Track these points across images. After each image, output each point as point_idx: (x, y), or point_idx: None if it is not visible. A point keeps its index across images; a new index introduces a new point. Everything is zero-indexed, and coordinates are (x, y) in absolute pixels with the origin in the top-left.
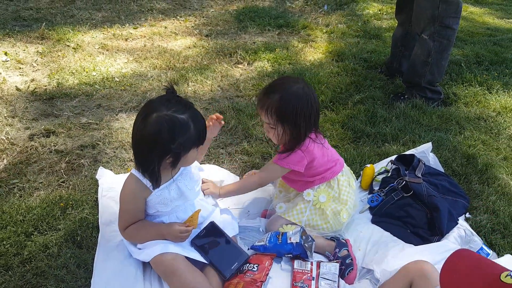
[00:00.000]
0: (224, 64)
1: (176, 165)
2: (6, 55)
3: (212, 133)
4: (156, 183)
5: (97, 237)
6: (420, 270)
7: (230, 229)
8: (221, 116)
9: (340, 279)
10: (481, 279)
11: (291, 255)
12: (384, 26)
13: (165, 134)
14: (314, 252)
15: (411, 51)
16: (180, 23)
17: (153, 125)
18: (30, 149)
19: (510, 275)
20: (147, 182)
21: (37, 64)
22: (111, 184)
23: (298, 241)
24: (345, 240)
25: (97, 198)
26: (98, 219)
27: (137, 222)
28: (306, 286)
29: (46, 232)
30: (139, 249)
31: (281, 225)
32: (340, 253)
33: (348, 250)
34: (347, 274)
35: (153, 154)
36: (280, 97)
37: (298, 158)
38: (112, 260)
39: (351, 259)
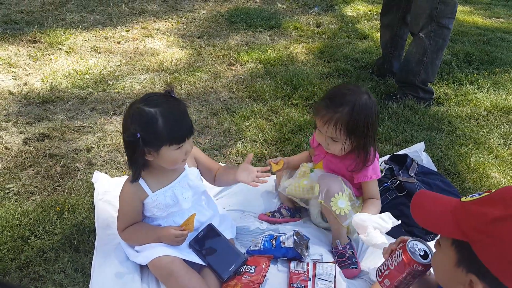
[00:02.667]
0: (217, 65)
1: (144, 164)
2: None
3: (243, 178)
4: (134, 175)
5: (94, 240)
6: None
7: (228, 232)
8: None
9: (338, 277)
10: (446, 207)
11: (285, 257)
12: (374, 26)
13: (129, 124)
14: (319, 244)
15: (401, 51)
16: (172, 25)
17: (124, 115)
18: (25, 153)
19: (468, 196)
20: (144, 185)
21: (30, 68)
22: (107, 187)
23: (291, 245)
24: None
25: (93, 202)
26: (94, 222)
27: (135, 224)
28: (302, 286)
29: (42, 237)
30: (137, 251)
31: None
32: (349, 250)
33: (353, 253)
34: (351, 268)
35: (126, 144)
36: (350, 110)
37: (377, 166)
38: (110, 264)
39: (356, 261)
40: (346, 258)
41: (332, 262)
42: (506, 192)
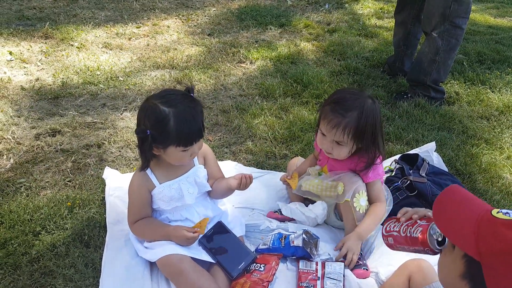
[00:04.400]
0: (227, 63)
1: (152, 156)
2: (11, 55)
3: (232, 183)
4: (142, 164)
5: (105, 236)
6: (418, 266)
7: (238, 230)
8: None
9: (347, 275)
10: (473, 216)
11: (295, 256)
12: (385, 25)
13: (143, 118)
14: (329, 242)
15: (413, 50)
16: (183, 22)
17: (140, 106)
18: (36, 149)
19: (501, 211)
20: (152, 176)
21: (42, 63)
22: (117, 183)
23: (300, 244)
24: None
25: (103, 198)
26: (105, 218)
27: (146, 218)
28: (312, 285)
29: (53, 232)
30: (146, 247)
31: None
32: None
33: (363, 256)
34: (362, 269)
35: (137, 134)
36: (359, 115)
37: (381, 167)
38: (120, 259)
39: (365, 263)
40: (358, 258)
41: (341, 261)
42: None
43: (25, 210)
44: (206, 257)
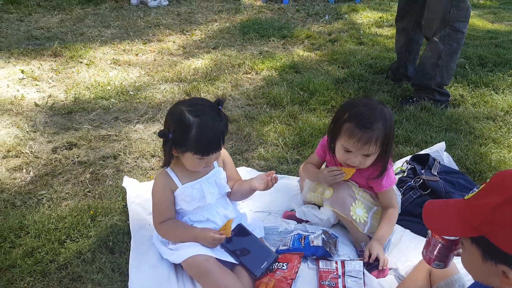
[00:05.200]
0: (233, 74)
1: (172, 156)
2: (23, 73)
3: (256, 185)
4: (164, 162)
5: (129, 242)
6: None
7: (257, 232)
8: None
9: (366, 273)
10: (453, 211)
11: (315, 256)
12: (385, 33)
13: (168, 121)
14: (346, 244)
15: (416, 55)
16: (187, 37)
17: (170, 109)
18: (54, 161)
19: (468, 193)
20: (174, 177)
21: (53, 81)
22: (137, 191)
23: (320, 244)
24: None
25: (124, 205)
26: (128, 225)
27: (172, 220)
28: (333, 284)
29: (78, 240)
30: (170, 249)
31: (351, 203)
32: None
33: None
34: (378, 269)
35: (159, 136)
36: (383, 124)
37: (393, 173)
38: (146, 263)
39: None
40: (374, 260)
41: (360, 259)
42: (498, 179)
43: (49, 220)
44: (229, 258)
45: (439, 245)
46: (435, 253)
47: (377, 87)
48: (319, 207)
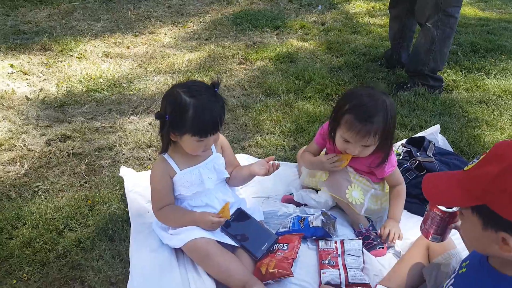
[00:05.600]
0: (227, 65)
1: (170, 141)
2: (12, 67)
3: (257, 170)
4: (162, 147)
5: (129, 229)
6: None
7: (257, 215)
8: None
9: (366, 251)
10: (453, 182)
11: (314, 237)
12: (378, 22)
13: (165, 104)
14: (345, 225)
15: (409, 42)
16: (179, 29)
17: (166, 93)
18: (49, 154)
19: (468, 164)
20: (172, 163)
21: (43, 74)
22: (135, 180)
23: (319, 225)
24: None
25: (122, 194)
26: (127, 212)
27: (171, 205)
28: (333, 262)
29: (76, 229)
30: (171, 234)
31: (347, 186)
32: (373, 231)
33: (377, 233)
34: (378, 248)
35: (156, 118)
36: (385, 117)
37: (394, 157)
38: (146, 249)
39: (381, 240)
40: (371, 239)
41: (359, 239)
42: (497, 149)
43: (45, 211)
44: (230, 241)
45: (437, 218)
46: (433, 226)
47: (372, 75)
48: (317, 191)
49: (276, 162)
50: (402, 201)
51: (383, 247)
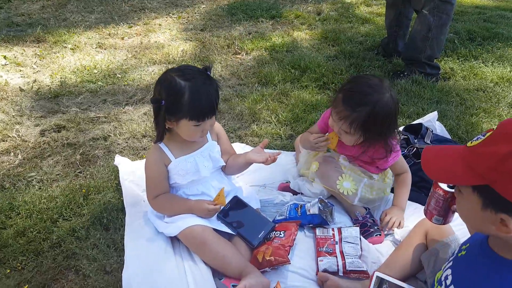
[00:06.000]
0: (223, 55)
1: (165, 128)
2: (5, 59)
3: (254, 157)
4: (157, 136)
5: (123, 218)
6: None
7: (253, 203)
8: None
9: (363, 239)
10: (455, 157)
11: (312, 224)
12: (374, 11)
13: (159, 89)
14: (342, 213)
15: (406, 30)
16: (174, 20)
17: (158, 78)
18: (43, 144)
19: (472, 141)
20: (167, 151)
21: (37, 66)
22: (130, 169)
23: (316, 212)
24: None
25: (117, 184)
26: (122, 201)
27: (166, 194)
28: (331, 250)
29: (71, 218)
30: (166, 223)
31: (337, 177)
32: (370, 219)
33: (374, 221)
34: (375, 236)
35: (152, 102)
36: (369, 112)
37: (397, 147)
38: (142, 238)
39: (379, 227)
40: (368, 227)
41: (356, 226)
42: (505, 127)
43: (40, 200)
44: (226, 229)
45: (440, 198)
46: (436, 207)
47: (368, 63)
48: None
49: (276, 151)
50: (407, 188)
51: (380, 234)
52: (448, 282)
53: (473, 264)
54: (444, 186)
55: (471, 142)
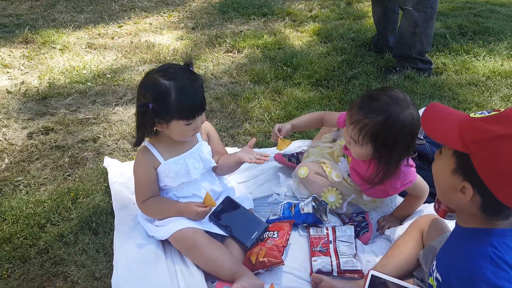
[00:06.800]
0: (214, 53)
1: (153, 131)
2: None
3: (243, 156)
4: (137, 140)
5: (113, 222)
6: (429, 220)
7: (246, 203)
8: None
9: (356, 239)
10: (454, 120)
11: (306, 224)
12: (365, 8)
13: (143, 93)
14: (330, 213)
15: (394, 25)
16: (164, 18)
17: (140, 82)
18: (31, 147)
19: (477, 113)
20: (156, 153)
21: (25, 67)
22: (119, 171)
23: (310, 211)
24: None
25: (106, 186)
26: (111, 205)
27: (155, 197)
28: (325, 249)
29: (59, 223)
30: (157, 226)
31: (325, 189)
32: (356, 217)
33: (364, 217)
34: (362, 234)
35: (137, 110)
36: (382, 121)
37: (410, 173)
38: (131, 241)
39: (367, 224)
40: (355, 226)
41: (351, 224)
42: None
43: (27, 205)
44: (219, 230)
45: None
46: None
47: (360, 59)
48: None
49: (265, 154)
50: (410, 207)
51: (367, 230)
52: (434, 268)
53: (446, 245)
54: None
55: (474, 114)
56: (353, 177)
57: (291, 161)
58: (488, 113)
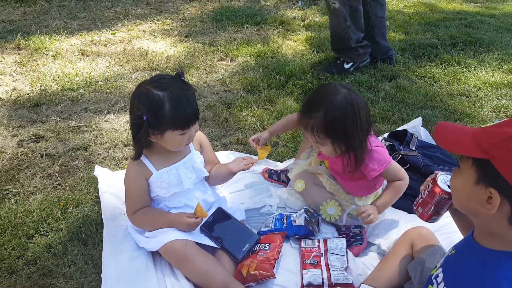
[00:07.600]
0: (207, 61)
1: (147, 143)
2: None
3: (233, 166)
4: (136, 154)
5: (102, 233)
6: (419, 233)
7: (238, 214)
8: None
9: (348, 251)
10: (467, 131)
11: (297, 236)
12: None
13: (136, 105)
14: (326, 223)
15: (383, 29)
16: (158, 26)
17: (132, 94)
18: (20, 155)
19: (488, 124)
20: (148, 164)
21: (17, 74)
22: (110, 180)
23: (303, 223)
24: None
25: (96, 196)
26: (101, 215)
27: (146, 208)
28: (316, 262)
29: (48, 233)
30: (147, 237)
31: (324, 202)
32: (354, 229)
33: (361, 231)
34: (354, 245)
35: (132, 123)
36: (323, 114)
37: (382, 154)
38: (121, 253)
39: (362, 238)
40: (350, 237)
41: (342, 236)
42: None
43: (15, 215)
44: (210, 242)
45: (444, 201)
46: (437, 209)
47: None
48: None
49: (252, 159)
50: (395, 194)
51: (361, 243)
52: (439, 279)
53: (460, 259)
54: (446, 188)
55: (486, 125)
56: (338, 179)
57: (280, 179)
58: (499, 120)
